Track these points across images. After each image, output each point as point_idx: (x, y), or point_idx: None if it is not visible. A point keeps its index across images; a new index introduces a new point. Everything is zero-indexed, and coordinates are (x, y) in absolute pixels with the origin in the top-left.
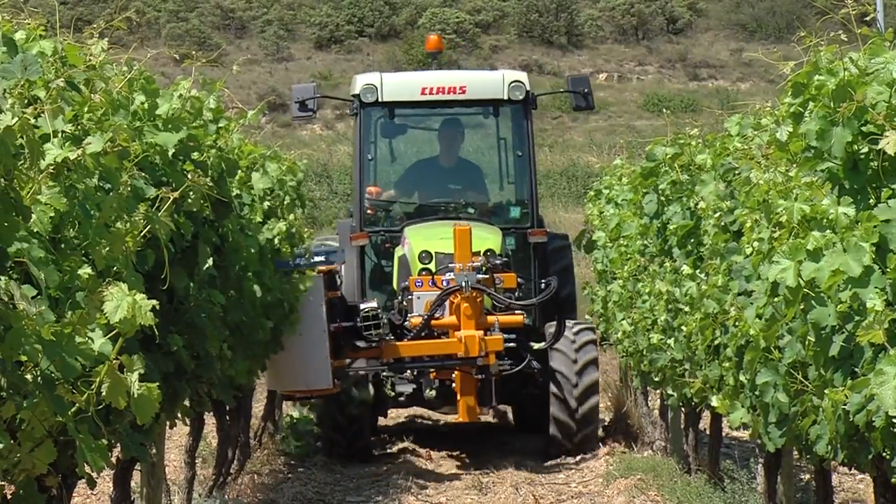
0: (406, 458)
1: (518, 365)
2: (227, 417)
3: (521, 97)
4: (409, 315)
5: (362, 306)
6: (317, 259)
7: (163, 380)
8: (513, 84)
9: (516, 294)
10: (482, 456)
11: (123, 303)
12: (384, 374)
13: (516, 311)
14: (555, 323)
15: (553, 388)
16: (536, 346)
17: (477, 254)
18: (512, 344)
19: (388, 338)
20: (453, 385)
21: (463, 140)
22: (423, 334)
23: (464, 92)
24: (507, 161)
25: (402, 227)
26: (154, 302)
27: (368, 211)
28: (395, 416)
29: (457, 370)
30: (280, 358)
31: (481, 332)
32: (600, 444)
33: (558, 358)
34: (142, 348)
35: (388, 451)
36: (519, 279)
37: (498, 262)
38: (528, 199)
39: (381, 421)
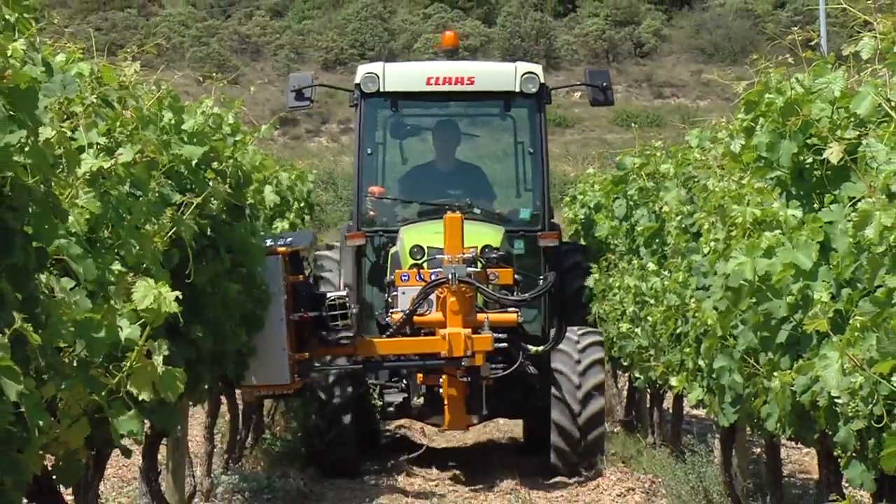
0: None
1: (510, 367)
2: None
3: (534, 90)
4: (390, 311)
5: (329, 294)
6: (280, 242)
7: (186, 365)
8: (526, 76)
9: (514, 292)
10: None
11: (150, 294)
12: (364, 378)
13: (509, 309)
14: (557, 324)
15: (554, 391)
16: (535, 348)
17: (472, 248)
18: (503, 344)
19: (354, 331)
20: (442, 391)
21: (459, 142)
22: (405, 331)
23: (472, 83)
24: (518, 159)
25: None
26: (177, 293)
27: (371, 212)
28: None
29: (443, 372)
30: None
31: (469, 330)
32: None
33: (560, 358)
34: (167, 337)
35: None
36: (516, 276)
37: (493, 255)
38: (539, 199)
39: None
